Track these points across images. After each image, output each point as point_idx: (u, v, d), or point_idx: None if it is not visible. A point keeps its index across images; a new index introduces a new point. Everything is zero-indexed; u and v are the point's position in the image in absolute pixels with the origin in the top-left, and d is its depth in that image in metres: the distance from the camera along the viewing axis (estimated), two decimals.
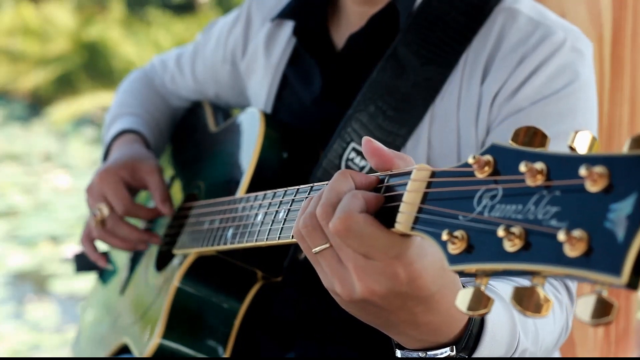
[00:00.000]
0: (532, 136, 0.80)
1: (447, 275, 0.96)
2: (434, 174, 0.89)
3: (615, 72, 1.90)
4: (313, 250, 0.98)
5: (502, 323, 1.09)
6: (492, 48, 1.46)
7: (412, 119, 1.48)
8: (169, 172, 1.98)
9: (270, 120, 1.60)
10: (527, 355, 1.18)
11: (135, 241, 1.71)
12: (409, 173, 0.92)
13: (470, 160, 0.82)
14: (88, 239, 1.78)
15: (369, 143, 0.99)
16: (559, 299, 1.34)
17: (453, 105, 1.47)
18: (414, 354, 1.02)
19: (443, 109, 1.47)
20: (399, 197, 0.92)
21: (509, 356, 1.13)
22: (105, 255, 1.81)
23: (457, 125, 1.46)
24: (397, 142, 1.48)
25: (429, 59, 1.48)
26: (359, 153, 1.49)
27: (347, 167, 1.49)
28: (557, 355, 1.65)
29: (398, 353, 1.04)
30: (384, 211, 0.94)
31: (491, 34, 1.46)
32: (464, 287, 1.00)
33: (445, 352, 1.01)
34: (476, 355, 1.04)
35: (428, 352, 1.01)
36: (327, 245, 0.96)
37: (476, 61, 1.46)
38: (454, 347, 1.01)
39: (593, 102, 1.46)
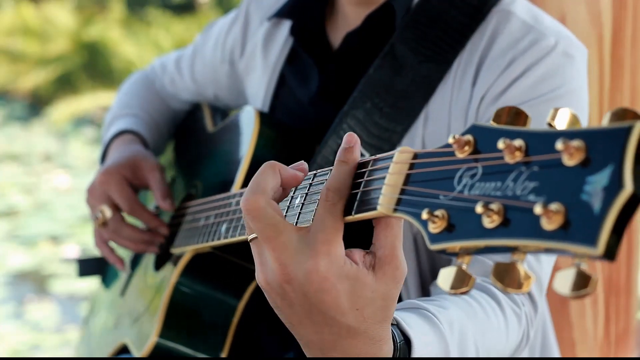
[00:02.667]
0: (514, 116, 0.80)
1: (367, 327, 0.96)
2: (416, 156, 0.89)
3: (615, 72, 1.89)
4: (248, 237, 1.00)
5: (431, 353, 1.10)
6: (484, 49, 1.46)
7: (408, 117, 1.48)
8: (168, 174, 1.98)
9: (265, 118, 1.60)
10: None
11: (140, 241, 1.71)
12: (391, 156, 0.92)
13: (451, 140, 0.82)
14: (101, 241, 1.77)
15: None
16: (517, 313, 1.35)
17: (445, 105, 1.47)
18: None
19: (436, 108, 1.47)
20: (382, 180, 0.92)
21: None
22: (122, 259, 1.80)
23: (448, 124, 1.46)
24: (393, 139, 1.48)
25: (427, 56, 1.48)
26: None
27: None
28: (557, 355, 1.65)
29: None
30: (366, 195, 0.94)
31: (485, 35, 1.46)
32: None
33: None
34: None
35: None
36: (256, 235, 0.99)
37: (469, 61, 1.46)
38: None
39: (582, 108, 1.45)
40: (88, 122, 8.68)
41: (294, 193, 1.20)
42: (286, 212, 1.22)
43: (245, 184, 1.51)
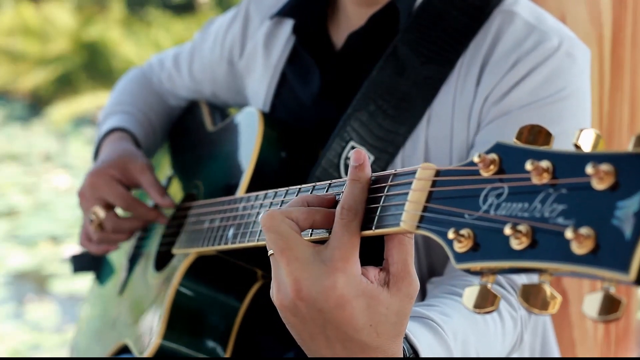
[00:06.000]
0: (537, 134, 0.81)
1: (380, 343, 0.97)
2: (438, 173, 0.90)
3: (615, 72, 1.90)
4: (269, 253, 1.01)
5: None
6: (487, 50, 1.46)
7: (411, 118, 1.48)
8: (166, 172, 1.98)
9: (269, 119, 1.60)
10: None
11: (142, 226, 1.72)
12: (413, 172, 0.93)
13: (476, 159, 0.82)
14: (88, 241, 1.77)
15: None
16: (513, 317, 1.36)
17: (448, 106, 1.47)
18: None
19: (439, 109, 1.48)
20: (403, 196, 0.92)
21: None
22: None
23: (452, 125, 1.46)
24: (396, 141, 1.49)
25: (429, 58, 1.48)
26: None
27: (346, 165, 1.50)
28: (557, 355, 1.65)
29: None
30: (387, 211, 0.94)
31: (488, 36, 1.47)
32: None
33: None
34: None
35: None
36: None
37: (472, 62, 1.47)
38: None
39: (585, 110, 1.45)
40: (88, 122, 8.64)
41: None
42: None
43: (250, 186, 1.51)
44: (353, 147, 1.49)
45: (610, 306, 0.67)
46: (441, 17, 1.49)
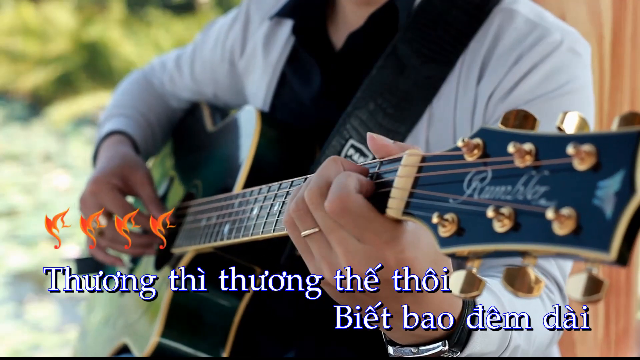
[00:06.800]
0: (522, 119, 0.80)
1: (440, 268, 0.95)
2: (424, 159, 0.89)
3: (615, 72, 1.90)
4: (302, 233, 0.97)
5: None
6: (488, 48, 1.46)
7: (411, 117, 1.48)
8: (168, 173, 1.98)
9: (267, 117, 1.60)
10: (519, 354, 1.17)
11: (138, 245, 1.71)
12: (399, 159, 0.92)
13: (460, 144, 0.82)
14: (96, 248, 1.78)
15: (373, 140, 0.99)
16: (551, 299, 1.34)
17: (450, 106, 1.47)
18: (406, 350, 1.01)
19: (440, 108, 1.47)
20: (390, 183, 0.92)
21: (500, 353, 1.12)
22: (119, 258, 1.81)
23: (454, 125, 1.46)
24: (396, 139, 1.47)
25: (430, 57, 1.48)
26: (358, 150, 1.49)
27: None
28: (557, 355, 1.64)
29: (390, 350, 1.03)
30: (375, 197, 0.94)
31: (488, 34, 1.47)
32: None
33: (438, 347, 1.00)
34: (468, 350, 1.03)
35: (420, 347, 1.00)
36: (316, 229, 0.96)
37: (473, 61, 1.46)
38: (447, 342, 1.00)
39: (589, 104, 1.45)
40: (88, 122, 8.63)
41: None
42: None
43: (247, 184, 1.51)
44: (352, 145, 1.49)
45: (594, 287, 0.67)
46: (441, 16, 1.49)
